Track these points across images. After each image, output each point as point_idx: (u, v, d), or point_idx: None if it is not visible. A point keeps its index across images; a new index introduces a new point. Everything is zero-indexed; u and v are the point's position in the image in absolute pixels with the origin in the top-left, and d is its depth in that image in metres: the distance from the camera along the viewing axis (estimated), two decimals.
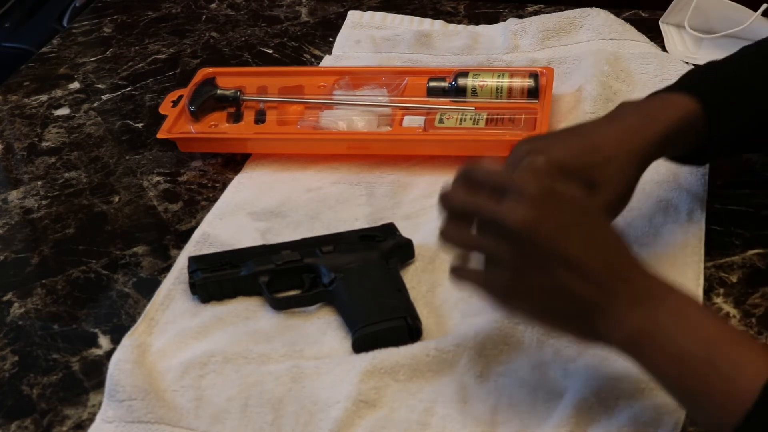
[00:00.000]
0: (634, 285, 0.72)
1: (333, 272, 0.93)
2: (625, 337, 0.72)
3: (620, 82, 1.21)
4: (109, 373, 0.86)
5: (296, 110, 1.20)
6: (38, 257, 1.05)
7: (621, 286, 0.72)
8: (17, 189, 1.16)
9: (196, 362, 0.87)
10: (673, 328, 0.70)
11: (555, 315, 0.74)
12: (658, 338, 0.71)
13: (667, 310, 0.71)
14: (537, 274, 0.72)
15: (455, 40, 1.35)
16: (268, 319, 0.93)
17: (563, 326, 0.75)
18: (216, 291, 0.95)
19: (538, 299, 0.73)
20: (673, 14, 1.33)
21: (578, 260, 0.71)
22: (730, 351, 0.69)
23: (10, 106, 1.33)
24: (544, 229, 0.71)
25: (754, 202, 1.02)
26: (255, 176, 1.13)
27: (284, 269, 0.94)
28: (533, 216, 0.71)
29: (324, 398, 0.83)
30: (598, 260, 0.72)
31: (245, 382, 0.86)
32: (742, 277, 0.94)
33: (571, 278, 0.71)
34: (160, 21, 1.51)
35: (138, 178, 1.16)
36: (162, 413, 0.84)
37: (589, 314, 0.72)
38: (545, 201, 0.72)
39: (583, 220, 0.73)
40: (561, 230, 0.72)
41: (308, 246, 0.97)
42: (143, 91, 1.33)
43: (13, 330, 0.96)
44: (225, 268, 0.95)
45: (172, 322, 0.93)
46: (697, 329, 0.71)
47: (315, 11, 1.49)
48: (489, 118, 1.13)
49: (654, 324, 0.71)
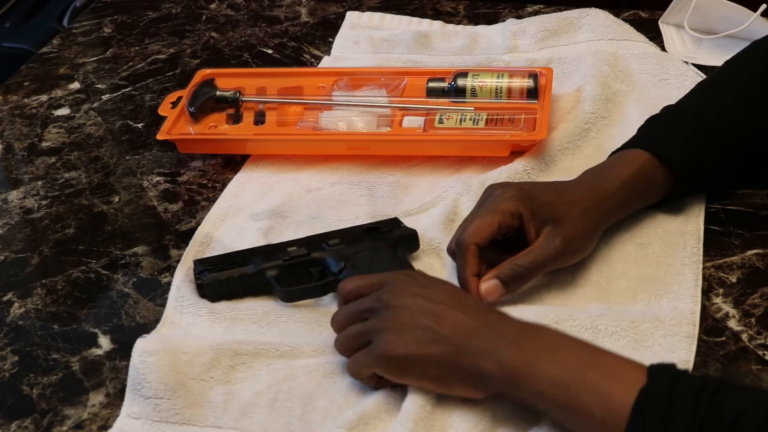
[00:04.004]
0: (500, 324, 0.79)
1: (342, 262, 0.93)
2: (505, 375, 0.76)
3: (619, 83, 1.21)
4: (133, 364, 0.85)
5: (296, 111, 1.20)
6: (38, 257, 1.05)
7: (485, 325, 0.79)
8: (17, 189, 1.16)
9: (227, 351, 0.87)
10: (547, 358, 0.75)
11: (435, 364, 0.79)
12: (534, 370, 0.75)
13: (539, 342, 0.77)
14: (411, 329, 0.79)
15: (454, 40, 1.35)
16: (290, 313, 0.93)
17: (446, 377, 0.80)
18: (225, 290, 0.94)
19: (417, 349, 0.79)
20: (673, 14, 1.33)
21: (444, 309, 0.80)
22: (603, 370, 0.74)
23: (10, 106, 1.33)
24: (409, 295, 0.81)
25: (754, 202, 1.02)
26: (255, 177, 1.13)
27: (292, 264, 0.94)
28: (398, 290, 0.82)
29: (356, 393, 0.83)
30: (461, 310, 0.80)
31: (276, 376, 0.86)
32: (741, 277, 0.94)
33: (438, 323, 0.79)
34: (160, 21, 1.51)
35: (138, 178, 1.16)
36: (189, 414, 0.83)
37: (465, 357, 0.78)
38: (407, 277, 0.84)
39: (441, 282, 0.84)
40: (423, 291, 0.81)
41: (314, 241, 0.97)
42: (143, 92, 1.33)
43: (13, 330, 0.96)
44: (232, 267, 0.95)
45: (192, 324, 0.93)
46: (570, 356, 0.76)
47: (315, 11, 1.49)
48: (489, 119, 1.14)
49: (528, 357, 0.76)
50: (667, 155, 0.97)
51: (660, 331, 0.87)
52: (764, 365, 0.84)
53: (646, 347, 0.86)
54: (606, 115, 1.15)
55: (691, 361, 0.84)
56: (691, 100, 1.04)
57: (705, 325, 0.88)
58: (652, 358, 0.84)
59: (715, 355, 0.86)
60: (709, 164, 0.99)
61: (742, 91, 1.03)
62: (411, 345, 0.79)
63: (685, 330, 0.87)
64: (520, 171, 1.06)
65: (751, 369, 0.84)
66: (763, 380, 0.83)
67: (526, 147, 1.09)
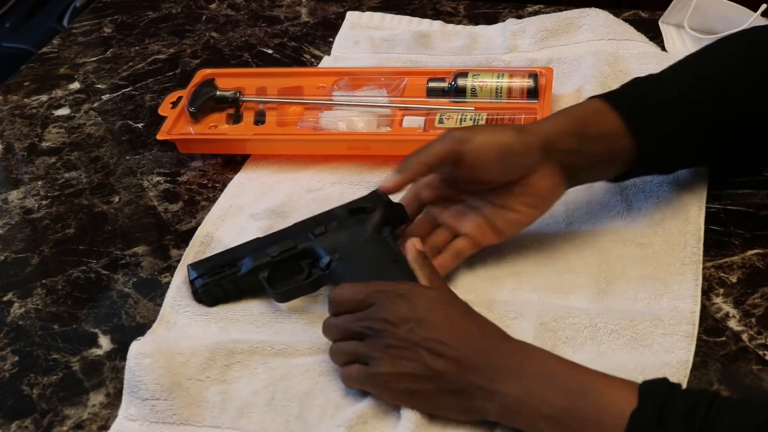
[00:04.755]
0: (494, 355, 0.78)
1: (329, 254, 0.92)
2: (501, 411, 0.77)
3: (619, 83, 1.19)
4: (128, 367, 0.86)
5: (296, 111, 1.20)
6: (38, 257, 1.05)
7: (480, 358, 0.78)
8: (17, 189, 1.16)
9: (222, 350, 0.87)
10: (541, 389, 0.75)
11: (431, 396, 0.79)
12: (529, 405, 0.75)
13: (532, 372, 0.77)
14: (405, 363, 0.79)
15: (454, 40, 1.35)
16: (286, 313, 0.93)
17: (441, 407, 0.80)
18: (220, 294, 0.95)
19: (412, 385, 0.79)
20: (673, 14, 1.33)
21: (436, 342, 0.79)
22: (594, 397, 0.74)
23: (11, 106, 1.33)
24: (404, 325, 0.80)
25: (754, 202, 1.02)
26: (255, 177, 1.13)
27: (281, 259, 0.94)
28: (392, 318, 0.80)
29: (353, 391, 0.84)
30: (454, 340, 0.79)
31: (272, 375, 0.86)
32: (741, 277, 0.94)
33: (432, 359, 0.78)
34: (160, 21, 1.51)
35: (138, 178, 1.16)
36: (187, 414, 0.83)
37: (460, 393, 0.78)
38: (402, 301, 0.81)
39: (435, 306, 0.82)
40: (417, 322, 0.80)
41: (300, 231, 0.96)
42: (143, 91, 1.33)
43: (14, 330, 0.96)
44: (224, 270, 0.95)
45: (188, 324, 0.93)
46: (562, 384, 0.76)
47: (315, 11, 1.49)
48: (489, 119, 1.14)
49: (522, 393, 0.76)
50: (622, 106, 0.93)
51: (659, 330, 0.87)
52: (764, 365, 0.84)
53: (645, 346, 0.86)
54: None
55: (689, 360, 0.84)
56: (664, 71, 1.00)
57: (705, 325, 0.88)
58: (651, 356, 0.84)
59: (716, 355, 0.86)
60: (672, 127, 0.94)
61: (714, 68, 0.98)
62: (405, 380, 0.79)
63: (684, 329, 0.87)
64: None
65: (751, 369, 0.84)
66: (764, 380, 0.83)
67: None
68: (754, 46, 0.99)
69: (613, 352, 0.86)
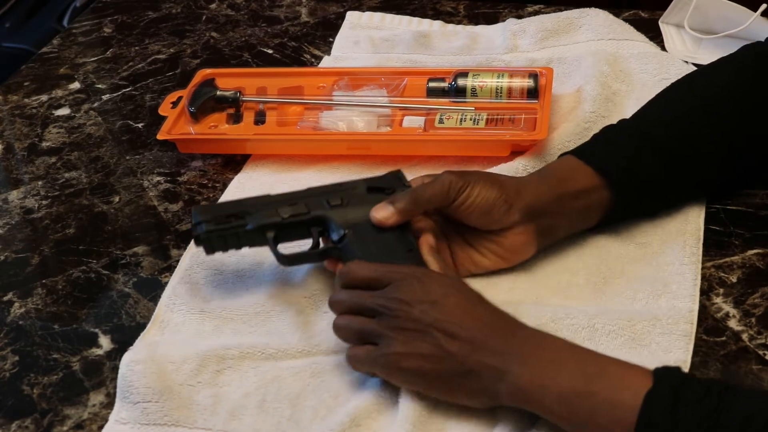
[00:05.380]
0: (508, 339, 0.79)
1: (342, 228, 0.91)
2: (513, 392, 0.77)
3: (619, 82, 1.21)
4: (121, 373, 0.86)
5: (296, 111, 1.20)
6: (38, 257, 1.05)
7: (492, 340, 0.78)
8: (17, 189, 1.16)
9: (213, 357, 0.87)
10: (553, 372, 0.76)
11: (441, 379, 0.79)
12: (541, 385, 0.76)
13: (545, 357, 0.77)
14: (419, 343, 0.79)
15: (454, 40, 1.35)
16: (279, 313, 0.93)
17: (451, 390, 0.80)
18: (220, 244, 0.92)
19: (424, 365, 0.79)
20: (673, 14, 1.33)
21: (450, 324, 0.79)
22: (608, 379, 0.74)
23: (11, 106, 1.33)
24: (418, 305, 0.80)
25: (754, 202, 1.02)
26: (255, 176, 1.13)
27: (291, 222, 0.92)
28: (407, 298, 0.80)
29: (345, 391, 0.84)
30: (468, 323, 0.79)
31: (263, 378, 0.86)
32: (741, 277, 0.94)
33: (445, 339, 0.78)
34: (160, 21, 1.51)
35: (138, 178, 1.16)
36: (178, 415, 0.84)
37: (472, 374, 0.78)
38: (418, 283, 0.81)
39: (450, 291, 0.82)
40: (432, 304, 0.80)
41: (315, 197, 0.94)
42: (143, 91, 1.33)
43: (14, 330, 0.96)
44: (230, 220, 0.92)
45: (182, 323, 0.93)
46: (575, 368, 0.76)
47: (315, 11, 1.49)
48: (489, 119, 1.14)
49: (535, 373, 0.76)
50: (595, 162, 0.95)
51: (657, 330, 0.87)
52: (765, 365, 0.84)
53: (643, 346, 0.86)
54: (606, 115, 1.15)
55: (688, 360, 0.85)
56: (633, 116, 1.02)
57: (705, 325, 0.89)
58: (649, 356, 0.84)
59: (716, 354, 0.86)
60: (646, 174, 0.96)
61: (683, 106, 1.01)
62: (417, 360, 0.79)
63: (682, 328, 0.87)
64: (520, 171, 1.06)
65: (751, 369, 0.84)
66: (764, 380, 0.83)
67: (526, 147, 1.09)
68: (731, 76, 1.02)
69: (611, 352, 0.85)
